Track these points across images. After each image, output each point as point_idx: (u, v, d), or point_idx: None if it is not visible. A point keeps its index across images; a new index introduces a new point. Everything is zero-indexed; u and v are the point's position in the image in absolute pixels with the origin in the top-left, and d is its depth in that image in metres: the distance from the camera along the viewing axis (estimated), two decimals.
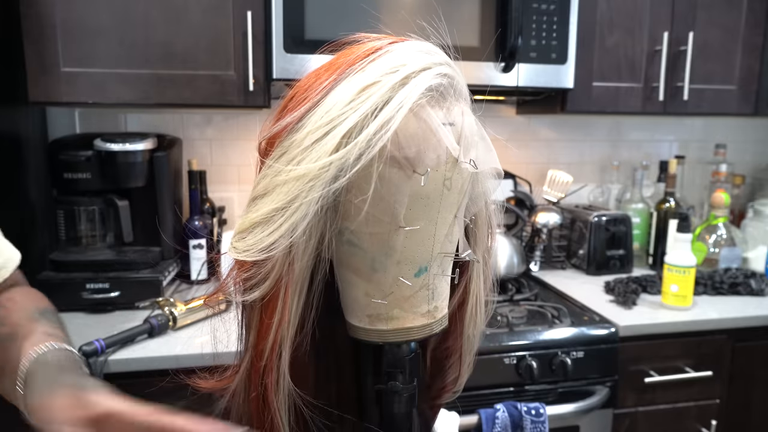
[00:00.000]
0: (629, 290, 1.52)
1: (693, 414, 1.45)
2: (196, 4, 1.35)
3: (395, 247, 0.43)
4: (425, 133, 0.40)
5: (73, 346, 0.56)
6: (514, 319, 1.38)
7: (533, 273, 1.76)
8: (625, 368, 1.38)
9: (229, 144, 1.76)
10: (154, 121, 1.72)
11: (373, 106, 0.39)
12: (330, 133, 0.39)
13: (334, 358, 0.53)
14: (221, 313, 0.54)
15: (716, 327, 1.42)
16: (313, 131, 0.39)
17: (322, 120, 0.39)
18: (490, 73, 1.45)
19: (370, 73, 0.40)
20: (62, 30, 1.30)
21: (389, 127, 0.38)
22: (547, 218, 1.75)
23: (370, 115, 0.38)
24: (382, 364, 0.48)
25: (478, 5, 1.42)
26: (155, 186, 1.48)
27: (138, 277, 1.38)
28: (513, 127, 1.97)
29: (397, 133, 0.39)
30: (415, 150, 0.40)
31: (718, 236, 1.70)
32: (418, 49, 0.43)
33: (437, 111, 0.41)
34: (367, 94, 0.39)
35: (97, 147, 1.40)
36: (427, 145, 0.40)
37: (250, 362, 0.45)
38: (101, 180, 1.42)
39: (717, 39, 1.67)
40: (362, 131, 0.38)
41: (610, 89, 1.62)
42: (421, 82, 0.40)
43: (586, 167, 2.05)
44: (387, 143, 0.39)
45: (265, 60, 1.39)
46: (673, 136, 2.11)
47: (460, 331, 0.53)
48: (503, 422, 1.21)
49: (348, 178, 0.38)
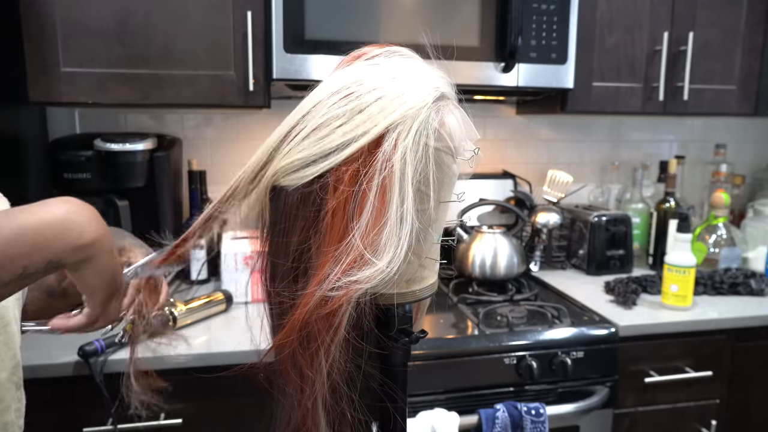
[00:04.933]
0: (629, 290, 1.52)
1: (693, 414, 1.45)
2: (196, 4, 1.36)
3: (436, 219, 0.51)
4: (460, 127, 0.51)
5: None
6: (514, 319, 1.38)
7: (533, 273, 1.77)
8: (625, 368, 1.38)
9: (229, 144, 1.77)
10: (154, 121, 1.72)
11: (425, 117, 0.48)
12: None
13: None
14: (223, 313, 0.56)
15: (716, 327, 1.42)
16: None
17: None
18: (490, 73, 1.45)
19: (416, 98, 0.48)
20: (62, 30, 1.30)
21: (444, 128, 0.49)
22: (547, 218, 1.75)
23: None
24: (392, 325, 0.53)
25: (478, 5, 1.42)
26: (155, 186, 1.48)
27: None
28: (513, 127, 1.97)
29: (450, 130, 0.49)
30: (458, 141, 0.50)
31: (718, 236, 1.70)
32: (432, 71, 0.52)
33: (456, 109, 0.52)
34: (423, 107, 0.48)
35: (97, 147, 1.40)
36: (462, 136, 0.50)
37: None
38: (101, 180, 1.42)
39: (717, 39, 1.67)
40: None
41: (610, 89, 1.62)
42: (449, 93, 0.51)
43: (586, 167, 2.05)
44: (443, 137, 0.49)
45: (265, 60, 1.39)
46: (673, 136, 2.11)
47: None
48: (503, 422, 1.21)
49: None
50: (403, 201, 0.46)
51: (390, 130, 0.46)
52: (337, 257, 0.45)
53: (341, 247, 0.45)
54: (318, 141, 0.47)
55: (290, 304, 0.48)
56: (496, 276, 1.61)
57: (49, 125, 1.59)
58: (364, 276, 0.44)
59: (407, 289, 0.52)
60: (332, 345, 0.46)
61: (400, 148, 0.46)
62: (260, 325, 0.55)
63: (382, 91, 0.47)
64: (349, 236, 0.45)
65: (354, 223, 0.45)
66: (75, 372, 1.12)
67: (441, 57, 0.54)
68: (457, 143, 0.50)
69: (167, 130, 1.71)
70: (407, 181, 0.46)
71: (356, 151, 0.46)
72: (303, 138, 0.48)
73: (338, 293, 0.44)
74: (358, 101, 0.47)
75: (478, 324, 1.36)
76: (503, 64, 1.45)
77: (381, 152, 0.45)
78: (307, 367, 0.46)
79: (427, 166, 0.47)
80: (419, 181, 0.47)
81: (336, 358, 0.47)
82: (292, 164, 0.48)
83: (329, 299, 0.44)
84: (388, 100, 0.47)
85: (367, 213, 0.45)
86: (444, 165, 0.49)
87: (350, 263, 0.44)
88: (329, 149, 0.47)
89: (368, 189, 0.45)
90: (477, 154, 0.52)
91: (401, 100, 0.47)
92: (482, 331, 1.33)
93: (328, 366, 0.47)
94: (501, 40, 1.44)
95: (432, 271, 0.54)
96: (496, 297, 1.54)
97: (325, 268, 0.45)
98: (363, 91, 0.47)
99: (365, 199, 0.45)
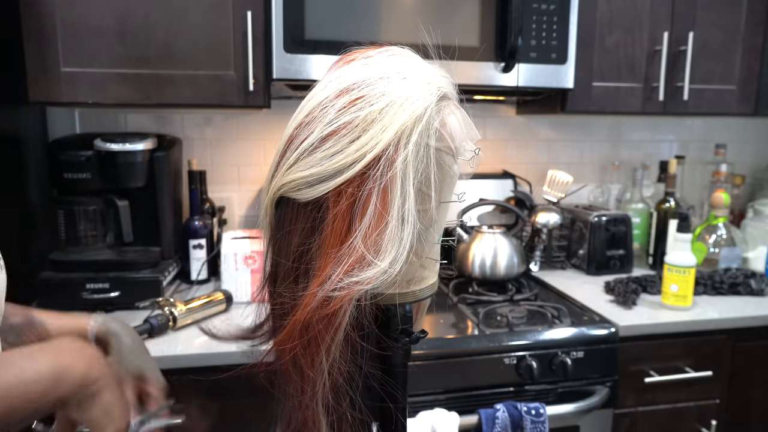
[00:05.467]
0: (629, 290, 1.52)
1: (693, 414, 1.45)
2: (196, 4, 1.35)
3: (437, 219, 0.52)
4: (461, 128, 0.51)
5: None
6: (514, 319, 1.38)
7: (533, 273, 1.77)
8: (625, 368, 1.38)
9: (229, 144, 1.77)
10: (154, 121, 1.72)
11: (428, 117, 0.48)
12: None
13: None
14: (223, 312, 0.56)
15: (716, 327, 1.42)
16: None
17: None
18: (490, 73, 1.45)
19: (421, 100, 0.48)
20: (62, 30, 1.30)
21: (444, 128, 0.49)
22: (547, 218, 1.75)
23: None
24: (392, 325, 0.53)
25: (478, 5, 1.42)
26: (155, 186, 1.48)
27: (138, 277, 1.38)
28: (513, 127, 1.97)
29: (451, 130, 0.49)
30: (459, 141, 0.50)
31: (718, 236, 1.70)
32: (434, 70, 0.52)
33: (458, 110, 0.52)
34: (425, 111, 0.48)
35: (97, 147, 1.40)
36: (463, 136, 0.51)
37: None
38: (101, 180, 1.42)
39: (717, 39, 1.67)
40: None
41: (610, 89, 1.62)
42: (450, 93, 0.51)
43: (586, 167, 2.05)
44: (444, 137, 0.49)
45: (265, 60, 1.39)
46: (673, 136, 2.11)
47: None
48: (503, 422, 1.21)
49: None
50: (405, 202, 0.46)
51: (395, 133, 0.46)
52: (339, 258, 0.45)
53: (343, 249, 0.45)
54: (330, 157, 0.46)
55: (291, 304, 0.48)
56: (496, 276, 1.61)
57: (49, 125, 1.59)
58: (365, 277, 0.44)
59: (408, 290, 0.53)
60: (333, 345, 0.46)
61: (402, 150, 0.46)
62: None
63: (391, 96, 0.46)
64: (351, 238, 0.45)
65: (356, 224, 0.45)
66: None
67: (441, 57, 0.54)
68: (458, 143, 0.50)
69: (167, 130, 1.71)
70: (409, 181, 0.46)
71: (368, 162, 0.45)
72: (310, 149, 0.47)
73: (340, 294, 0.44)
74: (371, 108, 0.46)
75: (478, 324, 1.36)
76: (503, 64, 1.45)
77: (384, 155, 0.45)
78: (308, 367, 0.46)
79: (428, 166, 0.47)
80: (420, 182, 0.47)
81: (337, 358, 0.47)
82: (303, 180, 0.47)
83: (331, 300, 0.44)
84: (398, 105, 0.46)
85: (370, 214, 0.45)
86: (445, 165, 0.49)
87: (352, 264, 0.44)
88: (343, 166, 0.46)
89: (371, 191, 0.45)
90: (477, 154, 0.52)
91: (408, 103, 0.47)
92: (482, 331, 1.33)
93: (329, 366, 0.47)
94: (501, 40, 1.44)
95: (432, 271, 0.54)
96: (496, 297, 1.54)
97: (327, 269, 0.45)
98: (372, 94, 0.46)
99: (368, 201, 0.45)
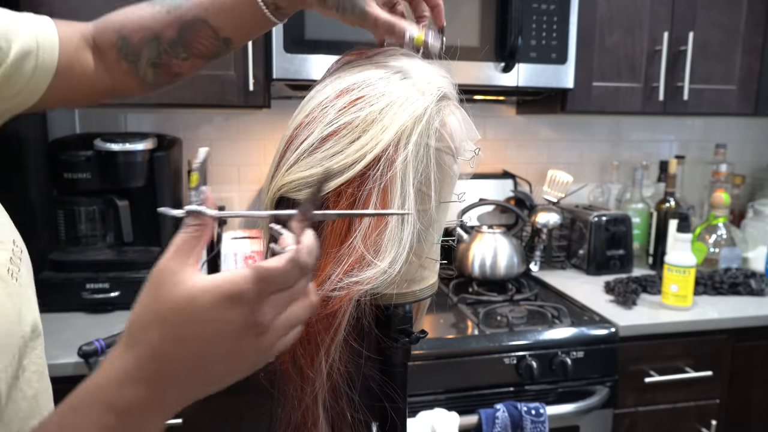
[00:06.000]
0: (629, 290, 1.52)
1: (693, 414, 1.45)
2: None
3: (437, 219, 0.51)
4: (461, 128, 0.51)
5: None
6: (514, 319, 1.38)
7: (533, 273, 1.76)
8: (625, 368, 1.38)
9: (229, 144, 1.76)
10: (154, 121, 1.72)
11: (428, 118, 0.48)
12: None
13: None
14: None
15: (716, 327, 1.42)
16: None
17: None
18: (490, 73, 1.45)
19: (421, 100, 0.48)
20: None
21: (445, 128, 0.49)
22: (547, 218, 1.75)
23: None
24: (392, 325, 0.53)
25: (478, 5, 1.42)
26: (155, 186, 1.48)
27: (138, 277, 1.38)
28: (513, 127, 1.97)
29: (451, 130, 0.49)
30: (459, 141, 0.50)
31: (718, 236, 1.70)
32: (434, 70, 0.51)
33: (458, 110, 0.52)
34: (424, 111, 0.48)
35: (97, 147, 1.40)
36: (463, 136, 0.50)
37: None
38: (101, 180, 1.42)
39: (717, 39, 1.67)
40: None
41: (610, 89, 1.62)
42: (450, 93, 0.51)
43: (586, 167, 2.05)
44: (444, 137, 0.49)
45: (265, 60, 1.39)
46: (673, 136, 2.11)
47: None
48: (503, 422, 1.21)
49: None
50: (405, 202, 0.46)
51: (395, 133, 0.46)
52: (339, 258, 0.45)
53: (343, 249, 0.45)
54: (331, 157, 0.45)
55: None
56: (496, 276, 1.61)
57: (49, 125, 1.59)
58: (365, 277, 0.44)
59: (407, 290, 0.52)
60: (333, 345, 0.46)
61: (402, 150, 0.45)
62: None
63: (391, 96, 0.46)
64: (351, 238, 0.45)
65: (356, 224, 0.45)
66: (75, 372, 1.12)
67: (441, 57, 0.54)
68: (458, 143, 0.50)
69: (167, 130, 1.71)
70: (409, 181, 0.46)
71: (368, 163, 0.45)
72: (310, 149, 0.46)
73: (339, 294, 0.44)
74: (371, 108, 0.46)
75: (478, 324, 1.36)
76: (503, 64, 1.45)
77: (384, 155, 0.45)
78: (308, 366, 0.46)
79: (428, 166, 0.47)
80: (420, 182, 0.47)
81: (336, 358, 0.46)
82: (303, 180, 0.46)
83: (330, 300, 0.44)
84: (398, 105, 0.46)
85: None
86: (445, 165, 0.49)
87: (352, 264, 0.44)
88: (343, 166, 0.45)
89: (371, 191, 0.45)
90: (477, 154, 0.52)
91: (408, 103, 0.46)
92: (482, 331, 1.33)
93: (329, 366, 0.46)
94: (501, 40, 1.44)
95: (432, 271, 0.54)
96: (496, 297, 1.54)
97: (327, 269, 0.45)
98: (372, 94, 0.46)
99: (368, 201, 0.45)
